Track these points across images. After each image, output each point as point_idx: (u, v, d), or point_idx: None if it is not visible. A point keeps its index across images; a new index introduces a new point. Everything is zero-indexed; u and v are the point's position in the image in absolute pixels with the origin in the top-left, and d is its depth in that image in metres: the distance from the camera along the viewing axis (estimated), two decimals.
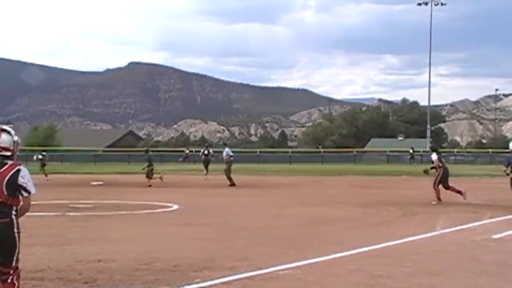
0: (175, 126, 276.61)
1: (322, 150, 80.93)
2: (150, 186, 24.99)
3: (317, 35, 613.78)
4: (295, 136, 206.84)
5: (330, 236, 10.94)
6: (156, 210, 15.54)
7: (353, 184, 27.66)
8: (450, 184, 18.23)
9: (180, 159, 64.36)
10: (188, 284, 6.80)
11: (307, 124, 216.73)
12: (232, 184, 25.33)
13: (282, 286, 6.80)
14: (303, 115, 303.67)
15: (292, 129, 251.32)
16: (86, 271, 7.38)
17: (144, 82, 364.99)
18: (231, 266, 7.88)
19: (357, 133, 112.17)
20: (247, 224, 12.74)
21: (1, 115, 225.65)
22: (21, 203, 5.10)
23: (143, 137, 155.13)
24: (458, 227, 12.06)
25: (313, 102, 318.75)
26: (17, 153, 5.24)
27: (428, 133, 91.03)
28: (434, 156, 18.50)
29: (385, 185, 25.68)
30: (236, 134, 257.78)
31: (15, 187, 5.00)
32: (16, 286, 5.06)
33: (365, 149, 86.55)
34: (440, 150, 19.35)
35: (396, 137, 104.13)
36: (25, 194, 5.06)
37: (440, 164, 18.28)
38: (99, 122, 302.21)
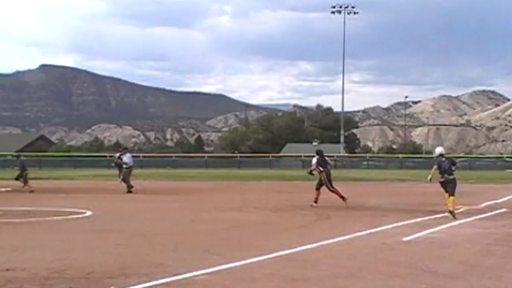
0: (89, 130, 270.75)
1: (238, 155, 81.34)
2: (32, 191, 24.09)
3: (233, 40, 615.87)
4: (212, 141, 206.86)
5: (246, 240, 10.98)
6: (68, 217, 15.12)
7: (269, 189, 27.93)
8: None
9: (113, 164, 63.21)
10: None
11: (223, 129, 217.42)
12: (129, 191, 24.33)
13: None
14: (219, 120, 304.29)
15: (208, 134, 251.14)
16: None
17: (57, 85, 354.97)
18: (147, 272, 7.77)
19: (273, 138, 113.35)
20: (163, 230, 12.61)
21: None
22: None
23: (55, 141, 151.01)
24: (370, 230, 12.38)
25: (230, 107, 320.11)
26: None
27: (342, 139, 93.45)
28: (313, 160, 19.23)
29: (301, 190, 26.04)
30: (152, 139, 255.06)
31: None
32: None
33: (281, 154, 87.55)
34: (326, 154, 19.49)
35: (311, 142, 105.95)
36: None
37: (321, 168, 18.86)
38: (8, 126, 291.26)
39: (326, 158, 19.53)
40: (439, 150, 17.87)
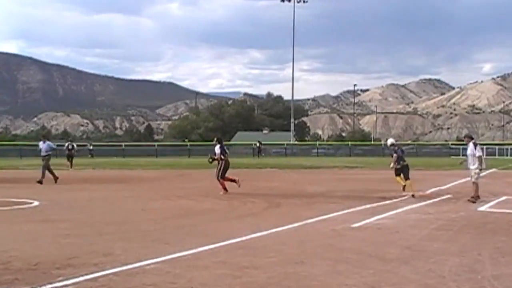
0: (35, 119, 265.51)
1: (188, 143, 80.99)
2: None
3: (182, 28, 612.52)
4: (162, 129, 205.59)
5: (196, 229, 10.98)
6: (14, 207, 14.81)
7: None
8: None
9: (89, 156, 62.69)
10: (50, 283, 6.56)
11: (173, 118, 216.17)
12: (40, 182, 22.82)
13: (149, 280, 6.73)
14: (169, 108, 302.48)
15: (158, 122, 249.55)
16: None
17: (1, 72, 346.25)
18: (96, 262, 7.70)
19: (223, 127, 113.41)
20: (112, 219, 12.48)
21: None
22: None
23: (0, 130, 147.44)
24: (319, 217, 12.53)
25: (179, 95, 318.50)
26: None
27: (292, 127, 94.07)
28: (217, 149, 19.50)
29: (251, 178, 26.13)
30: (101, 127, 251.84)
31: None
32: None
33: (231, 142, 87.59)
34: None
35: (262, 131, 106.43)
36: None
37: (222, 157, 19.27)
38: None
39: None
40: (391, 141, 20.05)
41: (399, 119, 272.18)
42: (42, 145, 24.92)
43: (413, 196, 17.03)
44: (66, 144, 39.39)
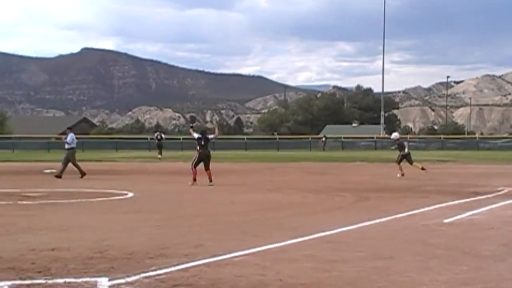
0: (130, 113, 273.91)
1: (277, 136, 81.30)
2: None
3: (271, 21, 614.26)
4: (251, 123, 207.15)
5: (284, 222, 11.02)
6: (110, 198, 15.38)
7: (307, 171, 27.89)
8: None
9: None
10: (144, 272, 6.77)
11: (262, 111, 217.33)
12: (59, 176, 21.97)
13: (238, 272, 6.82)
14: (258, 101, 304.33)
15: (247, 115, 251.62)
16: (39, 260, 7.27)
17: (98, 68, 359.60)
18: (187, 253, 7.87)
19: (312, 120, 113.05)
20: (202, 211, 12.73)
21: None
22: None
23: (97, 124, 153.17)
24: (410, 212, 12.30)
25: (269, 89, 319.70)
26: None
27: (382, 120, 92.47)
28: (195, 135, 19.67)
29: (339, 171, 25.97)
30: None
31: None
32: None
33: (320, 135, 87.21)
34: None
35: (351, 124, 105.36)
36: None
37: (198, 147, 19.51)
38: (52, 109, 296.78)
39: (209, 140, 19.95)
40: (395, 135, 26.16)
41: (495, 111, 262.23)
42: (67, 137, 23.75)
43: (402, 175, 22.72)
44: (155, 135, 41.35)
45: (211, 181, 19.19)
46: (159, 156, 38.33)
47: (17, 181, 21.37)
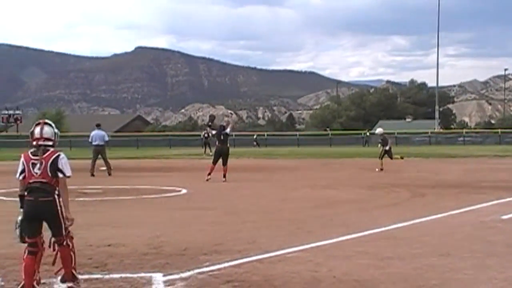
0: (183, 110, 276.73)
1: (330, 132, 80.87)
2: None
3: (324, 17, 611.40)
4: (303, 119, 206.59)
5: (338, 218, 10.96)
6: (164, 195, 15.58)
7: (361, 167, 27.65)
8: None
9: (255, 145, 65.57)
10: (198, 268, 6.83)
11: (314, 107, 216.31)
12: (109, 174, 22.06)
13: (291, 268, 6.82)
14: (310, 98, 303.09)
15: (300, 112, 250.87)
16: (96, 256, 7.43)
17: (151, 66, 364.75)
18: (240, 249, 7.91)
19: (365, 115, 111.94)
20: (255, 208, 12.77)
21: (10, 101, 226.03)
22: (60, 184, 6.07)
23: (151, 121, 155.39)
24: (466, 208, 12.05)
25: (321, 84, 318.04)
26: (57, 143, 6.21)
27: (437, 114, 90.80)
28: (213, 131, 20.25)
29: (394, 167, 25.61)
30: (244, 117, 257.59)
31: (56, 170, 5.96)
32: (70, 247, 6.07)
33: (373, 131, 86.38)
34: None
35: (405, 119, 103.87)
36: (61, 176, 6.04)
37: (216, 143, 19.85)
38: (107, 107, 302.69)
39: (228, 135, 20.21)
40: (380, 130, 26.22)
41: None
42: (95, 133, 23.24)
43: (381, 169, 23.41)
44: (203, 133, 42.12)
45: (224, 176, 19.30)
46: (210, 153, 38.62)
47: (74, 178, 21.76)
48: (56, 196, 6.01)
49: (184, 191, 16.33)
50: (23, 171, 5.99)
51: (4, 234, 9.11)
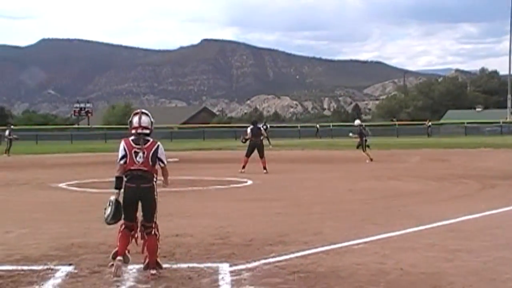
0: (248, 102, 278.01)
1: (397, 123, 79.66)
2: None
3: (390, 6, 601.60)
4: (369, 109, 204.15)
5: (405, 210, 10.81)
6: (231, 186, 15.73)
7: (429, 157, 27.14)
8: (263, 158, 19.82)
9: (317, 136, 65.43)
10: (264, 258, 6.88)
11: (381, 97, 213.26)
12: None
13: (357, 260, 6.78)
14: (376, 88, 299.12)
15: (365, 102, 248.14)
16: (164, 246, 7.55)
17: (217, 58, 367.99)
18: (306, 240, 7.92)
19: (433, 105, 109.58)
20: (320, 199, 12.73)
21: (81, 95, 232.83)
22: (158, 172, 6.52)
23: (217, 113, 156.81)
24: None
25: (387, 74, 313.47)
26: (153, 131, 6.56)
27: (509, 104, 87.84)
28: (248, 130, 20.28)
29: (463, 158, 25.05)
30: (309, 108, 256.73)
31: (155, 159, 6.40)
32: (158, 236, 6.39)
33: (441, 121, 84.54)
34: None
35: (475, 108, 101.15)
36: (162, 165, 6.52)
37: (253, 138, 19.97)
38: (174, 99, 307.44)
39: (261, 129, 21.08)
40: (358, 122, 27.14)
41: None
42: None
43: (371, 160, 23.85)
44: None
45: (265, 168, 19.37)
46: (270, 146, 38.55)
47: None
48: (154, 183, 6.43)
49: (249, 182, 16.44)
50: (123, 157, 6.35)
51: (77, 223, 9.43)
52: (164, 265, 6.51)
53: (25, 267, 6.56)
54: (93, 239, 7.92)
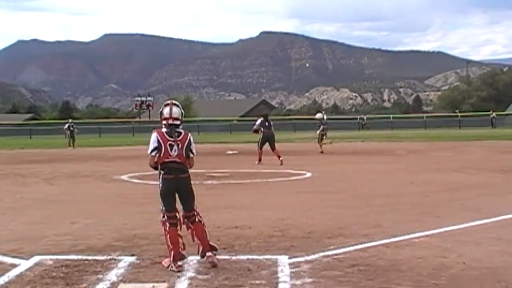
0: (307, 94, 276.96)
1: (459, 114, 77.97)
2: None
3: None
4: (431, 100, 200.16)
5: (468, 203, 10.57)
6: (289, 178, 15.73)
7: (493, 149, 26.45)
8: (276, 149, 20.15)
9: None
10: (323, 251, 6.86)
11: (443, 88, 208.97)
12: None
13: (418, 253, 6.68)
14: (438, 78, 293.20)
15: (427, 93, 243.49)
16: (224, 237, 7.64)
17: (276, 51, 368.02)
18: (365, 233, 7.85)
19: (498, 96, 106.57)
20: (380, 191, 12.58)
21: (142, 88, 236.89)
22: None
23: (276, 106, 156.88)
24: None
25: (449, 64, 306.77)
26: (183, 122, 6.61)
27: None
28: (258, 121, 20.79)
29: None
30: (369, 100, 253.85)
31: (189, 151, 6.52)
32: (202, 222, 6.57)
33: (506, 112, 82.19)
34: None
35: None
36: (191, 155, 6.60)
37: (262, 129, 20.37)
38: (233, 92, 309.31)
39: (271, 122, 21.06)
40: (319, 115, 28.06)
41: None
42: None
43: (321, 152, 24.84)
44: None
45: (279, 157, 19.53)
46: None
47: (203, 162, 22.49)
48: (189, 173, 6.56)
49: (308, 174, 16.39)
50: (156, 149, 6.45)
51: (139, 215, 9.62)
52: (224, 257, 6.57)
53: (89, 257, 6.74)
54: (155, 230, 8.05)
